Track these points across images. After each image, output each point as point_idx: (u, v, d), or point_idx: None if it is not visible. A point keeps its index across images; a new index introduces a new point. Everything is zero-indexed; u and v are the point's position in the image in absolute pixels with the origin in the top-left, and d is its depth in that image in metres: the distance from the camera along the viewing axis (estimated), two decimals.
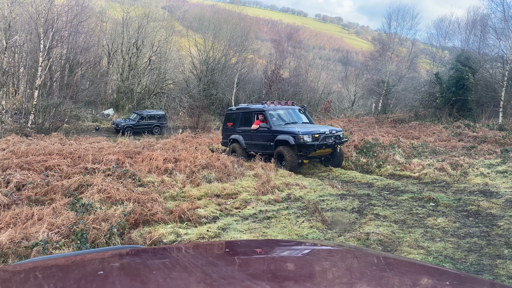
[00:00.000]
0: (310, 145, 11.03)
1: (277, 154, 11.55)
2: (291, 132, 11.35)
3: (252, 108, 13.41)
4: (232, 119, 14.20)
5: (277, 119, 12.45)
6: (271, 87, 36.87)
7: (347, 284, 1.23)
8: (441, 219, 6.60)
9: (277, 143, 11.68)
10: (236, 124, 13.84)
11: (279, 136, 11.63)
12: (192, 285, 1.17)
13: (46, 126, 22.58)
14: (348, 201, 7.91)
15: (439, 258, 4.97)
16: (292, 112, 13.10)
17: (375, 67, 38.42)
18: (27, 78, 27.56)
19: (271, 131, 12.04)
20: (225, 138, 14.61)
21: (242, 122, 13.55)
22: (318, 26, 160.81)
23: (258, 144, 12.55)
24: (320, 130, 11.40)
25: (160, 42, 38.04)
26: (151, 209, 6.56)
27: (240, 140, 13.37)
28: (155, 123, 26.58)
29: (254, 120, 12.93)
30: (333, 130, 11.65)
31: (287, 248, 1.76)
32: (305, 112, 13.49)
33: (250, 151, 12.74)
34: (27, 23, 26.53)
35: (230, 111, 14.78)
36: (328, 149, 11.38)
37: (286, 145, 11.37)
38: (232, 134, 13.92)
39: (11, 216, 5.81)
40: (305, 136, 11.01)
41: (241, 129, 13.50)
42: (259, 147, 12.44)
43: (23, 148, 12.20)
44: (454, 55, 30.32)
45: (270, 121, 12.23)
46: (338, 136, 11.57)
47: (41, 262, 1.50)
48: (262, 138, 12.39)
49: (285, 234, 5.94)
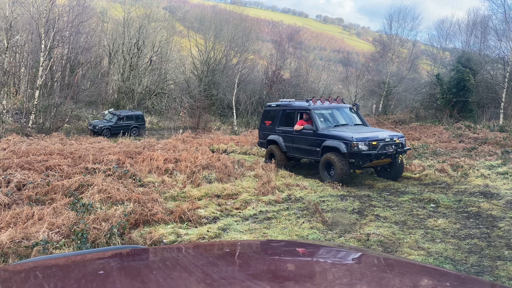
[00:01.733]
0: (366, 155, 9.32)
1: (325, 162, 9.90)
2: (342, 138, 9.61)
3: (295, 106, 11.58)
4: (271, 116, 12.38)
5: (325, 120, 10.72)
6: (272, 87, 36.86)
7: (348, 285, 1.22)
8: (441, 220, 6.60)
9: (325, 149, 9.99)
10: (275, 122, 12.04)
11: (328, 142, 9.93)
12: (193, 285, 1.17)
13: (46, 126, 22.60)
14: (348, 202, 7.90)
15: (439, 259, 4.97)
16: (342, 112, 11.31)
17: (376, 68, 38.41)
18: (28, 78, 27.56)
19: (317, 134, 10.29)
20: (262, 138, 12.87)
21: (283, 121, 11.79)
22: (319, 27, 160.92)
23: (301, 148, 10.95)
24: (378, 136, 9.59)
25: (161, 42, 38.05)
26: (152, 209, 6.56)
27: (279, 141, 11.67)
28: (133, 124, 25.55)
29: (296, 120, 11.20)
30: (394, 136, 9.84)
31: (287, 248, 1.76)
32: (357, 112, 11.62)
33: (291, 155, 11.43)
34: (28, 23, 26.54)
35: (268, 107, 12.90)
36: (387, 159, 9.70)
37: (335, 153, 9.68)
38: (270, 134, 12.16)
39: (11, 215, 5.82)
40: (360, 144, 9.26)
41: (281, 129, 11.75)
42: (302, 152, 10.97)
43: (23, 148, 12.22)
44: (455, 56, 30.33)
45: (317, 122, 10.45)
46: (400, 143, 9.77)
47: (41, 262, 1.50)
48: (306, 142, 10.70)
49: (286, 235, 5.94)
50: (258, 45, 46.88)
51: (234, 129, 30.08)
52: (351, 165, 9.64)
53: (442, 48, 36.95)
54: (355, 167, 9.81)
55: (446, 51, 36.93)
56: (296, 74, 41.54)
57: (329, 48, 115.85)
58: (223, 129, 30.35)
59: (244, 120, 34.51)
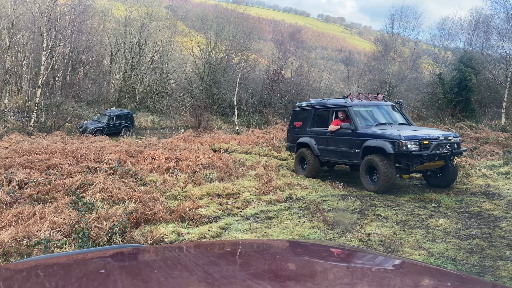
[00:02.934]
0: (417, 156, 8.10)
1: (367, 165, 8.73)
2: (388, 136, 8.42)
3: (330, 104, 10.56)
4: (302, 117, 11.35)
5: (365, 118, 9.64)
6: (273, 87, 36.85)
7: (349, 284, 1.22)
8: (443, 220, 6.59)
9: (366, 150, 8.84)
10: (306, 124, 10.99)
11: (369, 142, 8.76)
12: (194, 284, 1.17)
13: (48, 125, 22.64)
14: (349, 202, 7.90)
15: (440, 259, 4.97)
16: (383, 110, 10.17)
17: (377, 68, 38.39)
18: (30, 77, 27.60)
19: (356, 134, 9.16)
20: (291, 141, 11.67)
21: (315, 121, 10.76)
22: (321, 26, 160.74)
23: (337, 151, 9.82)
24: (430, 135, 8.44)
25: (163, 41, 38.07)
26: (153, 208, 6.57)
27: (311, 144, 10.51)
28: (123, 123, 25.18)
29: (331, 119, 10.14)
30: (448, 135, 8.66)
31: (288, 248, 1.76)
32: (401, 110, 10.46)
33: (325, 159, 10.28)
34: (30, 22, 26.58)
35: (299, 107, 11.81)
36: (440, 161, 8.42)
37: (379, 154, 8.49)
38: (300, 137, 11.04)
39: (13, 214, 5.83)
40: (409, 143, 8.09)
41: (313, 130, 10.69)
42: (338, 155, 9.84)
43: (25, 146, 12.24)
44: (457, 56, 30.29)
45: (356, 120, 9.34)
46: (455, 143, 8.56)
47: (43, 261, 1.50)
48: (343, 143, 9.57)
49: (287, 234, 5.94)
50: (259, 44, 46.89)
51: (235, 128, 30.09)
52: (397, 169, 8.47)
53: (444, 47, 36.91)
54: (402, 171, 8.67)
55: (448, 51, 36.88)
56: (297, 73, 41.50)
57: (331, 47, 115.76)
58: (224, 128, 30.36)
59: (245, 120, 34.51)
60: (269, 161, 12.54)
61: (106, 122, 24.18)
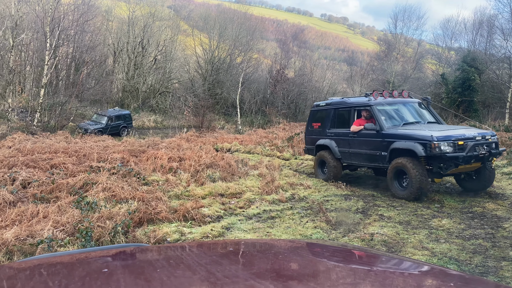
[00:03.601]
0: (452, 158, 7.35)
1: (395, 169, 7.97)
2: (418, 137, 7.67)
3: (351, 103, 9.81)
4: (320, 118, 10.59)
5: (391, 118, 8.91)
6: (276, 86, 36.87)
7: (351, 284, 1.22)
8: (446, 220, 6.57)
9: (394, 153, 8.11)
10: (325, 124, 10.24)
11: (397, 143, 8.01)
12: (196, 284, 1.17)
13: (52, 125, 22.72)
14: (352, 202, 7.89)
15: (443, 260, 4.95)
16: (410, 108, 9.36)
17: (380, 68, 38.35)
18: (33, 76, 27.71)
19: (382, 135, 8.41)
20: (309, 143, 10.93)
21: (335, 121, 10.04)
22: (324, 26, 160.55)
23: (361, 154, 9.08)
24: (466, 134, 7.66)
25: (166, 41, 38.13)
26: (156, 207, 6.58)
27: (332, 146, 9.80)
28: (122, 123, 25.01)
29: (353, 119, 9.41)
30: (485, 134, 7.85)
31: (291, 247, 1.76)
32: (428, 107, 9.58)
33: (347, 162, 9.61)
34: (33, 22, 26.68)
35: (317, 107, 10.97)
36: (477, 163, 7.66)
37: (409, 157, 7.75)
38: (319, 139, 10.31)
39: (16, 213, 5.85)
40: (442, 144, 7.35)
41: (333, 131, 9.97)
42: (362, 158, 9.10)
43: (29, 146, 12.29)
44: (460, 55, 30.21)
45: (381, 120, 8.60)
46: (493, 143, 7.78)
47: (46, 260, 1.51)
48: (367, 145, 8.84)
49: (289, 234, 5.94)
50: (262, 44, 46.93)
51: (238, 128, 30.11)
52: (429, 172, 7.72)
53: (448, 47, 36.83)
54: (434, 175, 7.85)
55: (451, 51, 36.80)
56: (300, 73, 41.52)
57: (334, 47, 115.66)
58: (227, 128, 30.39)
59: (248, 119, 34.53)
60: (272, 161, 12.54)
61: (106, 123, 24.00)
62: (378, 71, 39.06)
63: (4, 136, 16.56)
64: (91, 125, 23.51)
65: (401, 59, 38.43)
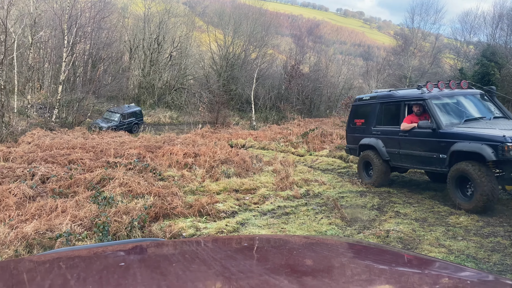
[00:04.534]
0: None
1: (458, 175, 6.80)
2: (486, 138, 6.43)
3: (400, 96, 8.55)
4: (364, 113, 9.42)
5: (449, 113, 7.60)
6: (290, 82, 36.71)
7: (366, 281, 1.22)
8: (463, 217, 6.47)
9: (455, 156, 6.90)
10: (370, 121, 9.06)
11: (460, 145, 6.76)
12: (211, 278, 1.18)
13: (69, 121, 23.08)
14: (368, 198, 7.83)
15: (460, 257, 4.89)
16: (472, 100, 8.01)
17: (397, 63, 37.83)
18: (51, 73, 28.17)
19: (439, 134, 7.16)
20: (351, 142, 9.84)
21: (382, 118, 8.82)
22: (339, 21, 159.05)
23: (413, 156, 7.86)
24: None
25: (181, 37, 38.29)
26: (171, 203, 6.65)
27: (378, 147, 8.64)
28: (134, 120, 25.19)
29: (403, 115, 8.16)
30: None
31: (306, 244, 1.76)
32: (492, 99, 8.21)
33: (396, 164, 8.45)
34: (51, 20, 27.08)
35: (359, 101, 9.80)
36: None
37: (474, 161, 6.56)
38: (363, 137, 9.20)
39: (36, 208, 5.98)
40: None
41: (379, 129, 8.78)
42: (415, 161, 7.91)
43: (47, 142, 12.53)
44: (479, 50, 29.60)
45: (438, 116, 7.31)
46: None
47: (64, 253, 1.54)
48: (422, 146, 7.59)
49: (304, 230, 5.94)
50: (277, 39, 46.75)
51: (252, 124, 30.13)
52: (499, 178, 6.58)
53: (466, 41, 36.11)
54: (505, 181, 6.75)
55: (470, 45, 36.07)
56: (315, 68, 41.23)
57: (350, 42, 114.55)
58: (241, 124, 30.42)
59: (262, 115, 34.50)
60: (286, 157, 12.52)
61: (119, 120, 24.09)
62: (394, 66, 38.54)
63: (24, 132, 16.89)
64: (104, 123, 23.58)
65: (418, 54, 37.83)
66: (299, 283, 1.12)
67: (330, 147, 13.76)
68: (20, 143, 13.88)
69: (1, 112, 16.71)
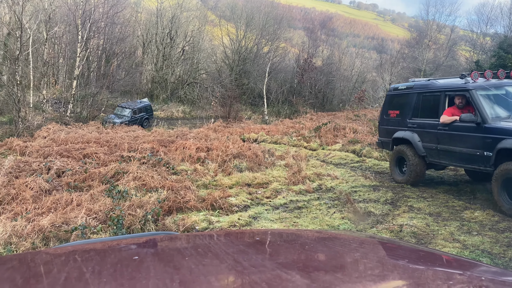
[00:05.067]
0: None
1: (504, 177, 6.13)
2: None
3: (441, 86, 7.79)
4: (399, 104, 8.66)
5: (497, 106, 6.88)
6: (303, 76, 36.54)
7: (379, 276, 1.21)
8: (478, 212, 6.39)
9: (503, 154, 6.19)
10: (406, 113, 8.32)
11: (508, 142, 6.04)
12: (224, 272, 1.19)
13: (84, 115, 23.36)
14: (381, 193, 7.78)
15: (475, 253, 4.83)
16: None
17: (411, 55, 37.35)
18: (66, 68, 28.53)
19: (485, 129, 6.47)
20: (384, 135, 9.09)
21: (419, 109, 8.04)
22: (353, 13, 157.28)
23: (453, 152, 7.16)
24: None
25: (193, 32, 38.33)
26: (184, 196, 6.70)
27: (414, 141, 7.94)
28: (144, 115, 25.31)
29: (443, 107, 7.45)
30: None
31: (318, 238, 1.76)
32: None
33: (434, 161, 7.78)
34: (66, 15, 27.37)
35: (394, 90, 9.05)
36: None
37: None
38: (398, 130, 8.47)
39: (52, 201, 6.08)
40: None
41: (416, 121, 8.04)
42: (455, 157, 7.21)
43: (62, 136, 12.71)
44: (496, 42, 29.01)
45: (483, 109, 6.61)
46: None
47: (80, 246, 1.57)
48: (463, 142, 6.91)
49: (316, 225, 5.93)
50: (289, 33, 46.46)
51: (264, 118, 30.10)
52: None
53: (483, 33, 35.43)
54: None
55: (486, 37, 35.39)
56: (328, 62, 40.94)
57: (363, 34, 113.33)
58: (253, 118, 30.43)
59: (274, 110, 34.44)
60: (299, 151, 12.49)
61: (131, 116, 24.17)
62: (408, 59, 38.05)
63: (40, 126, 17.15)
64: (116, 119, 23.61)
65: (433, 46, 37.28)
66: (311, 278, 1.12)
67: (343, 141, 13.67)
68: (36, 137, 14.11)
69: (17, 107, 17.00)
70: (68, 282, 1.12)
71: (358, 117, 23.04)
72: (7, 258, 1.53)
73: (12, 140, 12.59)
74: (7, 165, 8.10)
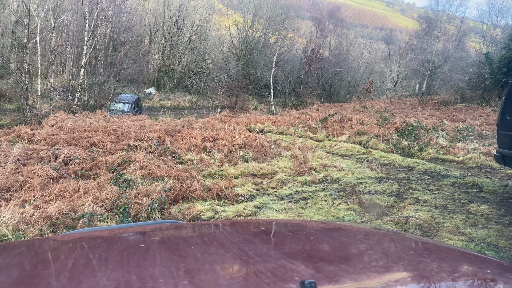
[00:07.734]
0: None
1: None
2: None
3: None
4: None
5: None
6: (310, 66, 36.30)
7: (384, 267, 1.21)
8: (484, 205, 6.36)
9: None
10: None
11: None
12: (229, 261, 1.20)
13: (91, 104, 23.43)
14: (387, 185, 7.76)
15: (481, 246, 4.82)
16: None
17: (420, 47, 36.90)
18: (73, 57, 28.57)
19: None
20: (507, 145, 6.42)
21: None
22: (362, 3, 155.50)
23: None
24: None
25: (200, 21, 38.17)
26: (190, 186, 6.72)
27: None
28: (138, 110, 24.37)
29: None
30: None
31: (323, 229, 1.76)
32: None
33: None
34: (73, 3, 27.36)
35: None
36: None
37: None
38: None
39: (59, 189, 6.14)
40: None
41: None
42: None
43: (70, 124, 12.77)
44: (507, 33, 28.55)
45: None
46: None
47: (87, 234, 1.58)
48: None
49: (321, 216, 5.94)
50: (297, 22, 46.10)
51: (271, 109, 30.02)
52: None
53: (493, 24, 34.91)
54: None
55: (497, 28, 34.87)
56: (336, 52, 40.63)
57: (371, 25, 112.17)
58: (260, 108, 30.35)
59: (281, 100, 34.32)
60: (305, 142, 12.46)
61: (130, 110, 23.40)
62: (417, 50, 37.62)
63: (47, 114, 17.25)
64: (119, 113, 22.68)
65: (442, 38, 36.79)
66: (316, 268, 1.12)
67: (350, 132, 13.62)
68: (44, 125, 14.19)
69: (25, 95, 17.08)
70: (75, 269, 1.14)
71: (365, 109, 22.91)
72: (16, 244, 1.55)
73: (20, 127, 12.67)
74: (16, 152, 8.17)
